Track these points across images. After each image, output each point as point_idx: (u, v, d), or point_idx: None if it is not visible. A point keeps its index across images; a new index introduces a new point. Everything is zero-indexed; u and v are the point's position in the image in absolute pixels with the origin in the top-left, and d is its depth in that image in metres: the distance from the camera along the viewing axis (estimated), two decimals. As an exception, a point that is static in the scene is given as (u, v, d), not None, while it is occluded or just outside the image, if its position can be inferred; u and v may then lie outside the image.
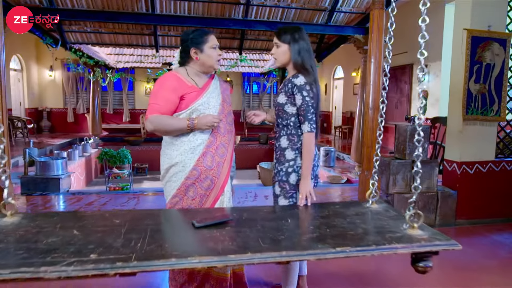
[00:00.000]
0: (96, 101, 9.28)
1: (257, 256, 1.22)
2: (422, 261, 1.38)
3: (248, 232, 1.41)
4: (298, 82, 1.89)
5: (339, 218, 1.60)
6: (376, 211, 1.72)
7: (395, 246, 1.32)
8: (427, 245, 1.34)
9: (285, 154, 1.97)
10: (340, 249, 1.28)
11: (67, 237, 1.32)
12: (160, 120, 1.90)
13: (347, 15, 6.09)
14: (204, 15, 5.70)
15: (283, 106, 1.96)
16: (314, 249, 1.28)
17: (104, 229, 1.42)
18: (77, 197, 4.67)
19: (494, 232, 3.63)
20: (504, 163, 3.91)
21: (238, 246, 1.28)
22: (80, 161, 7.60)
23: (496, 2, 3.71)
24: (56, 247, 1.23)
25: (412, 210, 1.44)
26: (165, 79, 1.98)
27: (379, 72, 3.49)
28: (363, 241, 1.36)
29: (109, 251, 1.21)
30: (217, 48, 2.01)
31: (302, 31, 1.97)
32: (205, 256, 1.20)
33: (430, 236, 1.40)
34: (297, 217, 1.65)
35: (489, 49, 3.69)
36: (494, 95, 3.76)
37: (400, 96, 8.85)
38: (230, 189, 2.07)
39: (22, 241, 1.27)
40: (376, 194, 1.79)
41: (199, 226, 1.43)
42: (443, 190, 3.82)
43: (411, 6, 7.69)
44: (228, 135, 2.04)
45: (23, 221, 1.47)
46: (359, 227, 1.52)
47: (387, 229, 1.48)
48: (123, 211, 1.70)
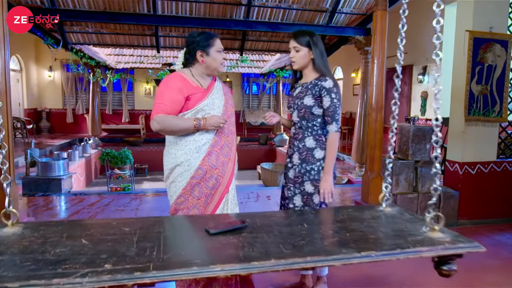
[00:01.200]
0: (95, 101, 9.28)
1: (281, 263, 1.18)
2: (446, 264, 1.34)
3: (266, 238, 1.37)
4: (327, 85, 1.99)
5: (356, 222, 1.57)
6: (391, 215, 1.69)
7: (420, 249, 1.29)
8: (452, 248, 1.32)
9: (314, 154, 2.05)
10: (365, 253, 1.24)
11: (76, 247, 1.25)
12: (167, 120, 1.91)
13: (348, 16, 6.11)
14: (206, 16, 5.70)
15: (310, 109, 2.03)
16: (338, 254, 1.24)
17: (114, 237, 1.36)
18: (79, 198, 4.67)
19: (496, 232, 3.65)
20: (505, 164, 3.94)
21: (259, 253, 1.23)
22: (80, 161, 7.59)
23: (498, 4, 3.74)
24: (65, 257, 1.16)
25: (432, 212, 1.41)
26: (171, 79, 2.00)
27: (382, 73, 3.51)
28: (386, 245, 1.33)
29: (124, 261, 1.15)
30: (222, 52, 2.06)
31: (317, 35, 2.06)
32: (228, 263, 1.16)
33: (453, 238, 1.38)
34: (313, 222, 1.62)
35: (491, 50, 3.71)
36: (496, 96, 3.79)
37: (400, 97, 8.82)
38: (234, 188, 2.10)
39: (28, 252, 1.20)
40: (390, 197, 1.77)
41: (214, 232, 1.39)
42: (445, 191, 3.84)
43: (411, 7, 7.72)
44: (231, 136, 2.07)
45: (26, 231, 1.39)
46: (378, 231, 1.50)
47: (407, 233, 1.45)
48: (131, 219, 1.63)
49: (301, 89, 2.09)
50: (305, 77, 2.12)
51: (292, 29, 5.97)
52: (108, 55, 10.34)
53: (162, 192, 5.10)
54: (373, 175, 3.55)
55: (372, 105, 3.55)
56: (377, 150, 3.56)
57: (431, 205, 1.41)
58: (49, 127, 11.82)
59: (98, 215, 3.91)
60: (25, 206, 4.26)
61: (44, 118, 11.76)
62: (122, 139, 10.79)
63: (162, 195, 4.93)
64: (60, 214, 4.13)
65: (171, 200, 2.05)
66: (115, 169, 6.46)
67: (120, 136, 11.32)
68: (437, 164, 1.42)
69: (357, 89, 10.67)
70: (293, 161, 2.11)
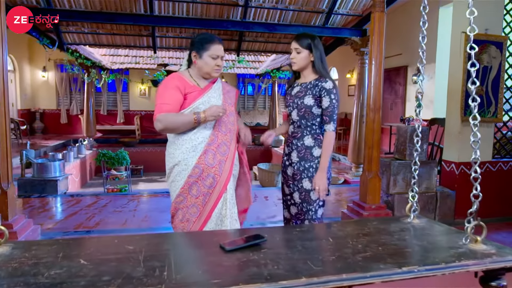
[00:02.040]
0: (90, 102, 9.22)
1: (314, 281, 1.05)
2: (495, 279, 1.22)
3: (290, 254, 1.24)
4: (328, 86, 2.06)
5: (385, 235, 1.44)
6: (420, 226, 1.58)
7: (466, 263, 1.18)
8: (500, 261, 1.20)
9: (312, 152, 2.12)
10: (406, 269, 1.13)
11: (74, 268, 1.11)
12: (168, 118, 1.94)
13: (344, 17, 6.15)
14: (203, 17, 5.71)
15: (310, 108, 2.10)
16: (377, 270, 1.12)
17: (117, 256, 1.21)
18: (75, 199, 4.64)
19: (492, 231, 3.67)
20: (500, 164, 3.99)
21: (286, 270, 1.10)
22: (75, 162, 7.54)
23: (493, 6, 3.79)
24: (62, 280, 1.02)
25: (473, 222, 1.31)
26: (168, 79, 2.06)
27: (380, 74, 3.53)
28: (427, 259, 1.21)
29: (131, 283, 1.02)
30: (219, 59, 2.02)
31: (318, 38, 2.14)
32: (252, 284, 1.02)
33: (498, 250, 1.26)
34: (337, 235, 1.49)
35: (486, 51, 3.76)
36: (491, 96, 3.84)
37: (395, 97, 8.95)
38: (233, 187, 2.10)
39: (18, 275, 1.05)
40: (418, 207, 1.64)
41: (230, 249, 1.25)
42: (442, 190, 3.88)
43: (405, 9, 7.80)
44: (230, 134, 2.09)
45: (15, 252, 1.23)
46: (413, 244, 1.38)
47: (445, 245, 1.35)
48: (135, 236, 1.52)
49: (300, 88, 2.16)
50: (303, 78, 2.19)
51: (288, 30, 6.01)
52: (103, 55, 10.28)
53: (159, 193, 5.09)
54: (371, 175, 3.57)
55: (370, 105, 3.56)
56: (375, 150, 3.57)
57: (471, 214, 1.31)
58: (42, 127, 11.72)
59: (95, 216, 3.90)
60: (21, 207, 4.23)
61: (37, 118, 11.66)
62: (117, 140, 10.73)
63: (160, 196, 4.93)
64: (57, 216, 4.10)
65: (172, 199, 2.07)
66: (111, 170, 6.43)
67: (115, 137, 11.26)
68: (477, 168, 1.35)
69: (352, 89, 10.73)
70: (291, 159, 2.17)
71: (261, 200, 4.72)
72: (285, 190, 2.25)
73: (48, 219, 3.87)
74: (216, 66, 2.03)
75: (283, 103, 13.14)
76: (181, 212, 2.05)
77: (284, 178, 2.26)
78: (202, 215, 2.03)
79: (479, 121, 1.36)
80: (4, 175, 3.04)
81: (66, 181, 5.60)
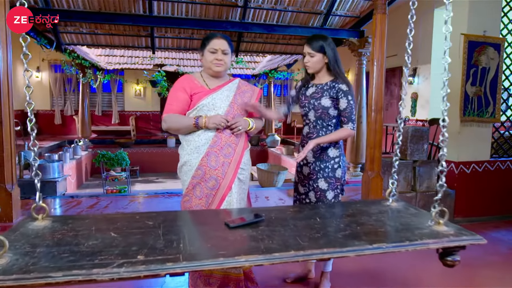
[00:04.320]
0: (85, 102, 9.16)
1: (300, 254, 1.25)
2: (450, 255, 1.43)
3: (283, 231, 1.44)
4: (345, 87, 2.08)
5: (365, 216, 1.65)
6: (397, 209, 1.77)
7: (427, 241, 1.37)
8: (456, 240, 1.39)
9: (328, 153, 2.15)
10: (376, 245, 1.32)
11: (107, 239, 1.32)
12: (171, 118, 2.01)
13: (342, 18, 6.22)
14: (202, 17, 5.72)
15: (327, 109, 2.12)
16: (352, 246, 1.32)
17: (141, 231, 1.41)
18: (76, 200, 4.61)
19: (491, 229, 3.77)
20: (498, 163, 4.07)
21: (279, 245, 1.30)
22: (71, 163, 7.48)
23: (491, 8, 3.86)
24: (99, 249, 1.22)
25: (437, 207, 1.50)
26: (178, 80, 2.11)
27: (381, 74, 3.59)
28: (395, 238, 1.41)
29: (155, 252, 1.22)
30: (218, 53, 2.02)
31: (330, 39, 2.14)
32: (251, 255, 1.23)
33: (456, 231, 1.45)
34: (324, 216, 1.70)
35: (484, 53, 3.84)
36: (489, 97, 3.92)
37: (390, 98, 9.04)
38: (238, 190, 2.07)
39: (63, 244, 1.26)
40: (396, 192, 1.85)
41: (233, 226, 1.45)
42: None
43: (401, 10, 7.89)
44: (236, 136, 2.06)
45: (56, 225, 1.45)
46: (387, 225, 1.58)
47: (413, 226, 1.52)
48: (152, 213, 1.68)
49: (316, 89, 2.16)
50: (318, 79, 2.20)
51: (287, 31, 6.04)
52: (99, 55, 10.22)
53: (160, 194, 5.08)
54: (373, 175, 3.63)
55: (371, 106, 3.62)
56: (377, 150, 3.64)
57: (436, 201, 1.50)
58: (36, 128, 11.55)
59: (98, 217, 3.88)
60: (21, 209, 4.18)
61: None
62: (113, 140, 10.66)
63: (160, 196, 4.92)
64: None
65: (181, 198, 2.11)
66: (110, 171, 6.39)
67: (110, 137, 11.18)
68: (443, 163, 1.53)
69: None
70: (307, 158, 2.19)
71: (262, 201, 4.74)
72: (300, 190, 2.27)
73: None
74: (215, 60, 2.01)
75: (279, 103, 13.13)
76: None
77: (299, 178, 2.28)
78: None
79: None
80: (9, 177, 3.03)
81: (64, 182, 5.57)
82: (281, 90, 13.83)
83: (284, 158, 9.03)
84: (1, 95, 2.99)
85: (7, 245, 1.15)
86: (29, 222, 1.46)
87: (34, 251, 1.19)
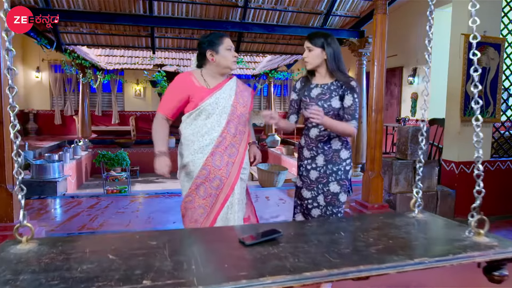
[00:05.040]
0: (85, 103, 9.15)
1: (334, 272, 1.12)
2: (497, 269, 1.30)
3: (307, 248, 1.30)
4: (353, 84, 2.03)
5: (393, 229, 1.51)
6: (424, 221, 1.64)
7: (472, 254, 1.25)
8: (503, 252, 1.28)
9: (340, 155, 2.08)
10: (418, 260, 1.20)
11: (104, 262, 1.14)
12: (155, 127, 2.07)
13: (342, 18, 6.22)
14: (202, 17, 5.72)
15: (337, 111, 2.05)
16: (391, 261, 1.20)
17: (143, 252, 1.25)
18: (77, 201, 4.61)
19: (491, 229, 3.73)
20: (498, 163, 4.07)
21: (307, 263, 1.16)
22: (71, 164, 7.47)
23: (491, 8, 3.86)
24: (96, 274, 1.06)
25: (476, 216, 1.38)
26: (176, 77, 2.10)
27: (382, 75, 3.58)
28: (436, 251, 1.30)
29: (163, 276, 1.06)
30: (232, 50, 2.08)
31: (333, 37, 2.08)
32: (277, 275, 1.07)
33: (501, 242, 1.33)
34: (348, 230, 1.57)
35: (485, 53, 3.84)
36: (490, 97, 3.92)
37: (390, 98, 9.04)
38: (240, 190, 2.08)
39: (52, 270, 1.08)
40: (422, 202, 1.68)
41: (250, 243, 1.31)
42: (442, 189, 3.95)
43: (401, 11, 7.89)
44: (240, 136, 2.07)
45: (43, 248, 1.25)
46: (420, 237, 1.46)
47: (450, 238, 1.41)
48: (155, 232, 1.59)
49: (322, 90, 2.08)
50: (320, 78, 2.11)
51: (287, 31, 6.05)
52: (99, 55, 10.22)
53: (160, 194, 5.09)
54: (373, 175, 3.62)
55: (372, 106, 3.62)
56: (377, 150, 3.63)
57: (474, 208, 1.38)
58: (36, 129, 11.58)
59: (99, 218, 3.88)
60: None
61: (31, 119, 11.53)
62: (113, 140, 10.65)
63: (161, 196, 4.92)
64: (59, 217, 4.07)
65: (182, 199, 2.10)
66: (110, 171, 6.39)
67: (110, 137, 11.18)
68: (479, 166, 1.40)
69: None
70: (316, 162, 2.10)
71: (263, 200, 4.74)
72: (305, 194, 2.16)
73: (50, 220, 3.85)
74: (233, 57, 2.07)
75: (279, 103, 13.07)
76: (190, 213, 2.07)
77: (304, 183, 2.17)
78: (210, 216, 2.04)
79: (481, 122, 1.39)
80: (9, 177, 3.02)
81: (65, 182, 5.57)
82: (281, 90, 13.83)
83: (284, 158, 9.03)
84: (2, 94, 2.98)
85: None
86: (11, 246, 1.25)
87: (16, 279, 1.02)
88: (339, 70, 2.04)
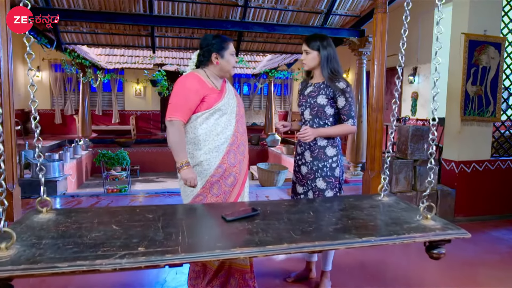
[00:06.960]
0: (85, 102, 9.15)
1: (293, 247, 1.30)
2: (436, 248, 1.48)
3: (277, 224, 1.49)
4: (341, 85, 2.09)
5: (357, 211, 1.70)
6: (388, 204, 1.81)
7: (413, 235, 1.41)
8: (441, 234, 1.44)
9: (326, 152, 2.15)
10: (365, 238, 1.37)
11: (109, 232, 1.37)
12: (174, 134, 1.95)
13: (342, 17, 6.21)
14: (202, 17, 5.71)
15: (323, 108, 2.13)
16: (342, 239, 1.37)
17: (141, 223, 1.47)
18: (77, 200, 4.61)
19: (491, 228, 3.77)
20: (499, 162, 4.07)
21: (273, 238, 1.35)
22: (71, 163, 7.49)
23: (491, 8, 3.86)
24: (102, 241, 1.28)
25: (425, 203, 1.54)
26: (188, 79, 2.04)
27: (382, 74, 3.59)
28: (384, 231, 1.46)
29: (155, 244, 1.27)
30: (234, 55, 2.14)
31: (329, 39, 2.16)
32: (246, 247, 1.27)
33: (443, 226, 1.49)
34: (317, 210, 1.74)
35: (485, 52, 3.84)
36: (490, 96, 3.92)
37: (390, 97, 9.03)
38: (248, 186, 2.21)
39: (67, 236, 1.31)
40: (387, 187, 1.90)
41: (230, 219, 1.51)
42: (442, 189, 3.95)
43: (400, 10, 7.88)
44: (245, 134, 2.18)
45: (60, 217, 1.51)
46: (377, 219, 1.63)
47: (402, 220, 1.57)
48: (152, 207, 1.74)
49: (313, 88, 2.20)
50: (316, 78, 2.24)
51: (287, 30, 6.04)
52: (99, 55, 10.22)
53: (160, 193, 5.09)
54: (373, 174, 3.63)
55: (372, 105, 3.63)
56: (377, 149, 3.64)
57: (424, 196, 1.54)
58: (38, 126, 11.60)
59: (99, 217, 3.88)
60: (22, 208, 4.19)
61: (31, 119, 11.53)
62: (113, 140, 10.66)
63: (161, 196, 4.93)
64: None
65: (187, 199, 2.08)
66: (111, 171, 6.39)
67: (110, 137, 11.19)
68: (432, 160, 1.60)
69: (347, 89, 10.80)
70: (305, 158, 2.20)
71: (263, 199, 4.74)
72: (298, 190, 2.27)
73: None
74: (235, 63, 2.16)
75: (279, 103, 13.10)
76: None
77: (296, 178, 2.28)
78: None
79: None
80: (9, 176, 3.03)
81: (65, 181, 5.58)
82: (281, 89, 13.83)
83: (285, 158, 9.03)
84: (2, 94, 3.00)
85: (14, 237, 1.19)
86: (34, 215, 1.51)
87: (40, 243, 1.25)
88: (331, 72, 2.12)
